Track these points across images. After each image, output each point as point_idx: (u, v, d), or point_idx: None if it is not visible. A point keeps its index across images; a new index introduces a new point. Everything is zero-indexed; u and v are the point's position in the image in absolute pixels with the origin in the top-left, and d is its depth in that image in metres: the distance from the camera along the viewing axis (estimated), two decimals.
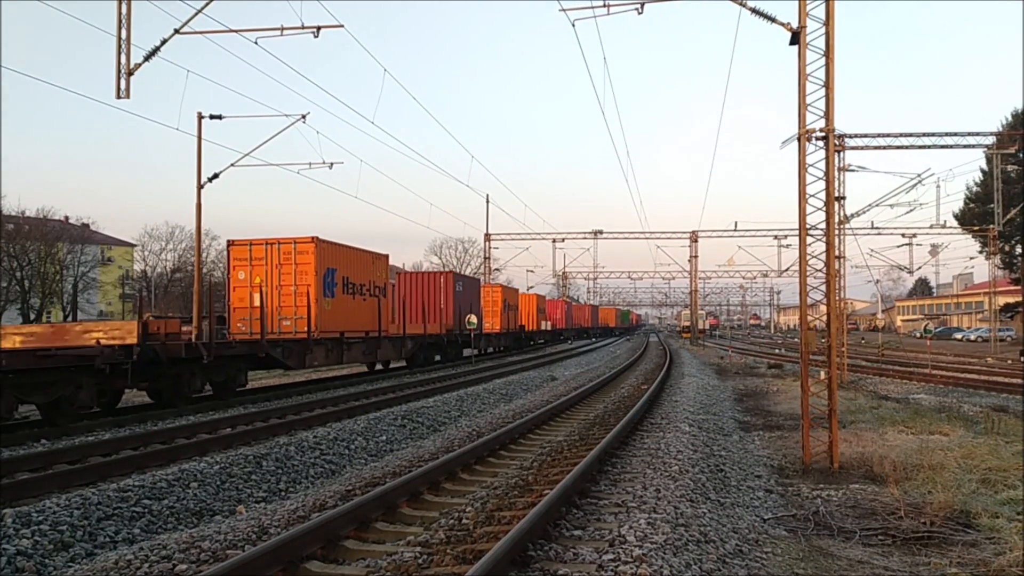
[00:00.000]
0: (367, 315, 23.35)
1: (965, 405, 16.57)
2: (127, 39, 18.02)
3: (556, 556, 5.81)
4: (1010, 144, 39.23)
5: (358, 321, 22.76)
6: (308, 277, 20.46)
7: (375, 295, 24.12)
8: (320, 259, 20.74)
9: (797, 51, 10.46)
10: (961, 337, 75.14)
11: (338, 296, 21.64)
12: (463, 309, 32.93)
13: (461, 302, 33.13)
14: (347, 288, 22.21)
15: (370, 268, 23.92)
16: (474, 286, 37.02)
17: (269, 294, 20.14)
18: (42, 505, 7.35)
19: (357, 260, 23.08)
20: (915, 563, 6.39)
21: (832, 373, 10.72)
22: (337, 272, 21.59)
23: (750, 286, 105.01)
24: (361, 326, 23.01)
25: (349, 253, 22.72)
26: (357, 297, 22.87)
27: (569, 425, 13.35)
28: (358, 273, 22.96)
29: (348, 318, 22.13)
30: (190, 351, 15.31)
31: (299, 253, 20.70)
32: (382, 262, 25.06)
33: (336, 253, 21.89)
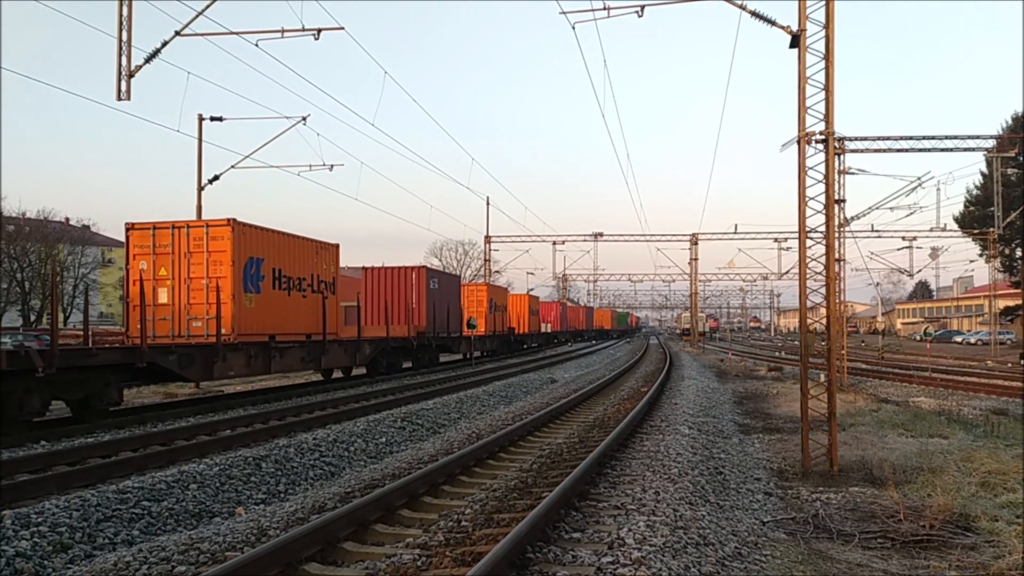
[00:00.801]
0: (308, 315, 20.03)
1: (965, 408, 16.57)
2: (128, 41, 18.06)
3: (555, 558, 5.81)
4: (1010, 147, 39.23)
5: (295, 322, 19.49)
6: (223, 268, 17.05)
7: (319, 291, 20.75)
8: (239, 246, 17.29)
9: (797, 54, 10.47)
10: (961, 340, 75.06)
11: (266, 292, 18.24)
12: (439, 309, 29.95)
13: (436, 301, 29.83)
14: (279, 282, 18.85)
15: (311, 259, 20.54)
16: (453, 283, 33.68)
17: (176, 289, 17.22)
18: (41, 506, 7.35)
19: (293, 249, 19.72)
20: (914, 566, 6.39)
21: (832, 376, 10.71)
22: (265, 263, 18.18)
23: (750, 289, 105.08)
24: (299, 328, 19.70)
25: (282, 241, 19.32)
26: (294, 293, 19.52)
27: (568, 427, 13.35)
28: (295, 265, 19.64)
29: (281, 318, 18.80)
30: (17, 361, 11.81)
31: (212, 239, 17.21)
32: (329, 253, 21.71)
33: (263, 240, 18.41)
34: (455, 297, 33.29)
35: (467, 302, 37.64)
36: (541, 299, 66.30)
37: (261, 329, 18.07)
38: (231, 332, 16.86)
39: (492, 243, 59.97)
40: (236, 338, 16.98)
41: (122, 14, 17.99)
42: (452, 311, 31.68)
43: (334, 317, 21.56)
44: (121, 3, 17.97)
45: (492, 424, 14.06)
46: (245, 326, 17.42)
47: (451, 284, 33.18)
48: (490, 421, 14.72)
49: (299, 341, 19.71)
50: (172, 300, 17.25)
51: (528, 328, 51.05)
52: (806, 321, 10.93)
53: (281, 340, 18.82)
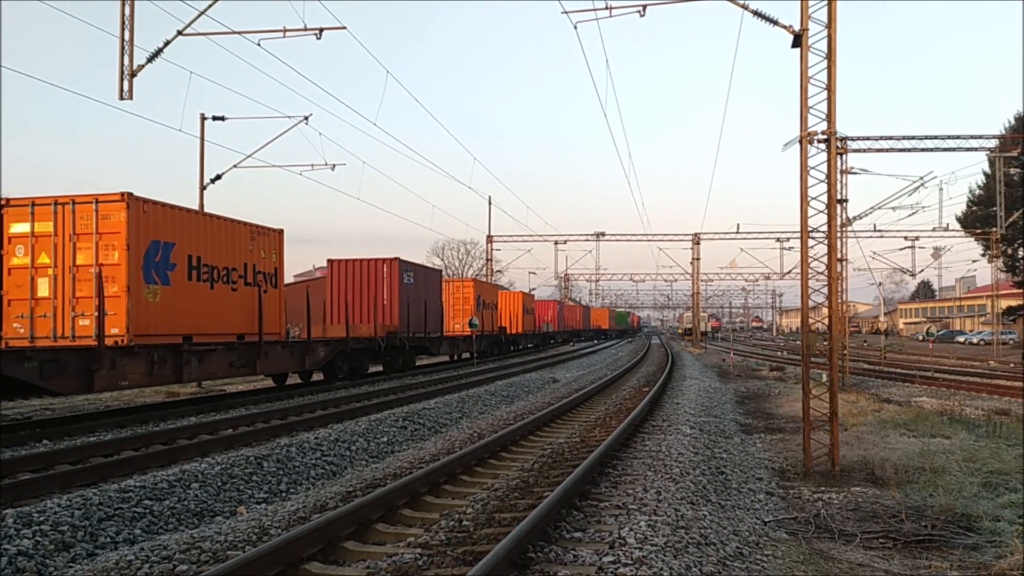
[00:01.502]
0: (239, 312, 17.10)
1: (967, 408, 16.54)
2: (130, 40, 18.07)
3: (556, 558, 5.80)
4: (1013, 147, 39.17)
5: (221, 320, 16.50)
6: (116, 253, 14.01)
7: (255, 284, 17.84)
8: (138, 228, 14.25)
9: (799, 54, 10.46)
10: (964, 340, 74.99)
11: (178, 283, 15.26)
12: (414, 306, 27.42)
13: (411, 297, 27.19)
14: (198, 272, 15.92)
15: (243, 246, 17.61)
16: (433, 278, 30.71)
17: (60, 279, 14.20)
18: (43, 505, 7.35)
19: (218, 234, 16.73)
20: (916, 566, 6.38)
21: (833, 376, 10.70)
22: (176, 248, 15.25)
23: (752, 288, 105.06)
24: (227, 327, 16.74)
25: (202, 223, 16.32)
26: (220, 286, 16.54)
27: (570, 427, 13.34)
28: (221, 252, 16.69)
29: (200, 315, 15.87)
30: None
31: (103, 218, 14.15)
32: (269, 239, 18.73)
33: (174, 221, 15.34)
34: (435, 293, 30.68)
35: (451, 299, 35.53)
36: (542, 298, 66.01)
37: (170, 328, 15.03)
38: (125, 332, 13.80)
39: (494, 243, 60.00)
40: (132, 339, 13.86)
41: (124, 13, 18.01)
42: (431, 309, 29.23)
43: (275, 314, 18.79)
44: (123, 2, 17.98)
45: (494, 423, 14.06)
46: (145, 325, 14.33)
47: (430, 279, 30.38)
48: (492, 420, 14.72)
49: (227, 343, 16.67)
50: (54, 293, 14.22)
51: (522, 328, 48.66)
52: (808, 321, 10.92)
53: (201, 342, 15.79)
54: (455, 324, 35.09)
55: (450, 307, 34.94)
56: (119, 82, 18.04)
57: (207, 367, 16.17)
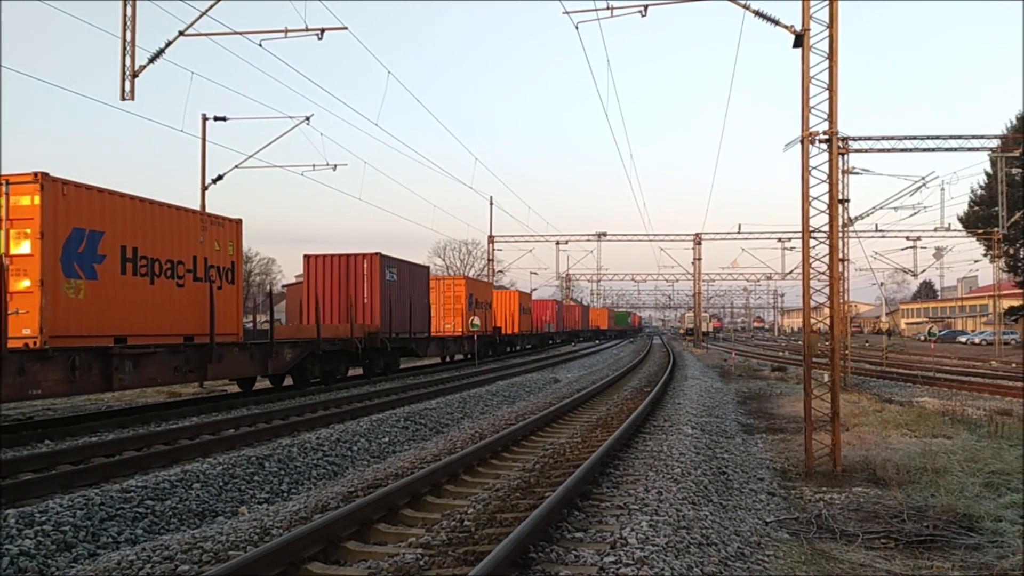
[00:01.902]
0: (186, 310, 15.34)
1: (969, 409, 16.53)
2: (132, 41, 18.10)
3: (557, 558, 5.80)
4: (1014, 147, 39.15)
5: (163, 319, 14.66)
6: (27, 243, 12.18)
7: (206, 279, 15.96)
8: (56, 213, 12.37)
9: (801, 54, 10.46)
10: (965, 340, 74.94)
11: (108, 278, 13.38)
12: (398, 304, 25.37)
13: (394, 295, 25.12)
14: (135, 265, 14.03)
15: (192, 237, 15.72)
16: (419, 275, 28.40)
17: None
18: (45, 505, 7.36)
19: (160, 223, 14.80)
20: (918, 566, 6.38)
21: (835, 376, 10.70)
22: (106, 238, 13.37)
23: (754, 288, 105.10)
24: (171, 327, 14.91)
25: (138, 209, 14.30)
26: (162, 281, 14.69)
27: (572, 427, 13.35)
28: (163, 243, 14.80)
29: (136, 314, 13.99)
30: None
31: (14, 202, 12.24)
32: (224, 230, 16.85)
33: (103, 207, 13.42)
34: (421, 291, 28.37)
35: (441, 298, 33.62)
36: (542, 298, 65.85)
37: (97, 329, 13.17)
38: (38, 334, 12.02)
39: (495, 243, 60.02)
40: (47, 342, 12.08)
41: (126, 14, 18.04)
42: (417, 307, 27.29)
43: (231, 313, 16.98)
44: (125, 3, 18.01)
45: (495, 424, 14.06)
46: (65, 325, 12.50)
47: (416, 276, 28.01)
48: (493, 421, 14.73)
49: (170, 345, 14.86)
50: None
51: (518, 328, 46.41)
52: (810, 321, 10.91)
53: (137, 344, 13.96)
54: (445, 324, 33.52)
55: (440, 306, 33.31)
56: (121, 82, 18.07)
57: (145, 372, 14.17)
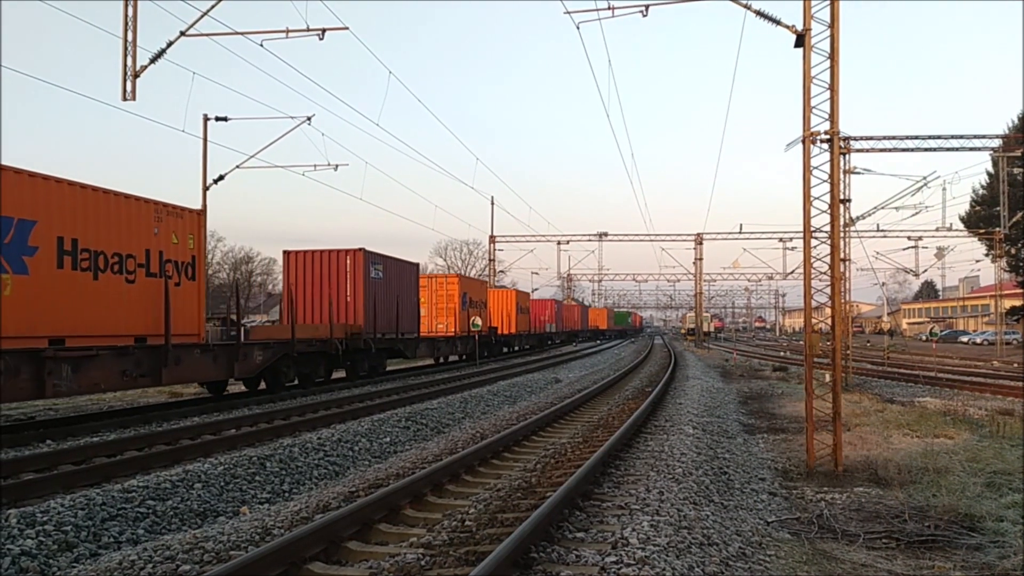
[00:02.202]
0: (138, 308, 14.11)
1: (971, 409, 16.52)
2: (133, 41, 18.12)
3: (559, 558, 5.80)
4: (1016, 147, 39.13)
5: (109, 318, 13.40)
6: None
7: (161, 275, 14.73)
8: None
9: (802, 53, 10.45)
10: (967, 340, 74.89)
11: (41, 272, 12.22)
12: (383, 303, 24.22)
13: (379, 293, 23.98)
14: (73, 259, 12.85)
15: (144, 229, 14.46)
16: (407, 273, 27.06)
17: None
18: (47, 505, 7.37)
19: (106, 212, 13.57)
20: (919, 566, 6.37)
21: (837, 376, 10.69)
22: (38, 228, 12.19)
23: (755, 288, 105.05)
24: (118, 327, 13.67)
25: (79, 197, 13.06)
26: (107, 277, 13.45)
27: (573, 427, 13.34)
28: (109, 234, 13.53)
29: (77, 313, 12.81)
30: None
31: None
32: (183, 221, 15.60)
33: (35, 194, 12.25)
34: (410, 290, 27.17)
35: (433, 297, 32.46)
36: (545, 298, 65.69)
37: (27, 329, 11.94)
38: None
39: (496, 243, 60.07)
40: None
41: (127, 14, 18.05)
42: (405, 306, 26.12)
43: (191, 311, 15.70)
44: (126, 3, 18.03)
45: (496, 424, 14.06)
46: None
47: (404, 274, 26.72)
48: (494, 421, 14.73)
49: (118, 346, 13.53)
50: None
51: (515, 328, 44.70)
52: (811, 321, 10.91)
53: (77, 345, 12.69)
54: (438, 324, 32.46)
55: (432, 305, 32.29)
56: (122, 82, 18.09)
57: (87, 377, 12.77)
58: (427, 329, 31.22)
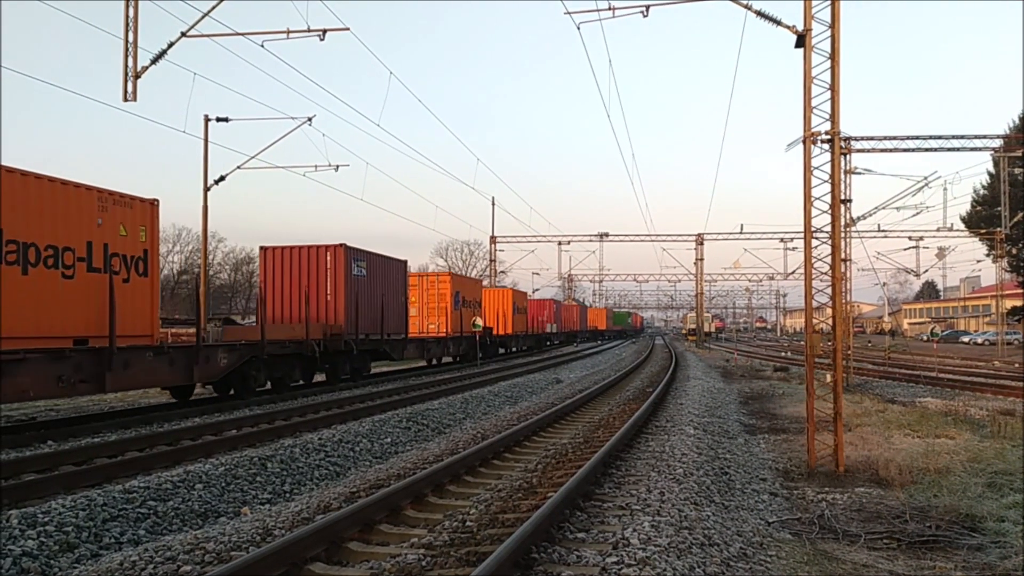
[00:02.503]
0: (78, 307, 12.89)
1: (972, 408, 16.51)
2: (134, 42, 18.14)
3: (560, 558, 5.80)
4: (1017, 147, 39.12)
5: (41, 318, 12.24)
6: None
7: (106, 270, 13.49)
8: None
9: (803, 54, 10.46)
10: (968, 340, 74.86)
11: None
12: (367, 302, 22.78)
13: (362, 292, 22.56)
14: None
15: (86, 219, 13.21)
16: (394, 271, 25.59)
17: None
18: (48, 506, 7.38)
19: (37, 199, 12.31)
20: (920, 567, 6.37)
21: (838, 376, 10.69)
22: None
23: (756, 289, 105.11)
24: (53, 328, 12.44)
25: (5, 182, 11.79)
26: (39, 271, 12.29)
27: (574, 428, 13.34)
28: (42, 225, 12.36)
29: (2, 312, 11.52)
30: None
31: None
32: (133, 212, 14.28)
33: None
34: (396, 288, 25.67)
35: (424, 296, 31.31)
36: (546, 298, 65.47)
37: None
38: None
39: (497, 243, 60.08)
40: None
41: (128, 15, 18.07)
42: (390, 306, 24.73)
43: (143, 310, 14.42)
44: (127, 4, 18.05)
45: (497, 424, 14.06)
46: None
47: (391, 271, 25.25)
48: (495, 421, 14.73)
49: (52, 349, 12.21)
50: None
51: (512, 328, 43.11)
52: (812, 321, 10.91)
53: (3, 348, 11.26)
54: (429, 324, 31.35)
55: (423, 305, 31.32)
56: (123, 84, 18.11)
57: (13, 384, 11.33)
58: (418, 329, 30.27)
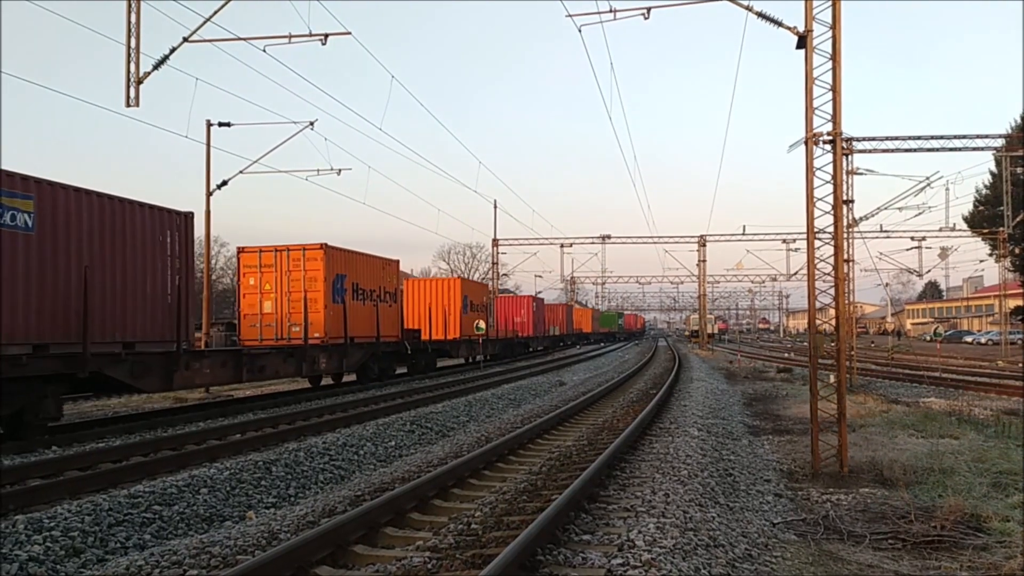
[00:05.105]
0: None
1: (976, 408, 16.48)
2: (136, 48, 18.18)
3: (565, 561, 5.81)
4: (1019, 146, 39.07)
5: None
6: None
7: None
8: None
9: (804, 55, 10.46)
10: (972, 340, 74.74)
11: None
12: None
13: None
14: None
15: None
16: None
17: None
18: (53, 511, 7.39)
19: None
20: (925, 567, 6.37)
21: (841, 377, 10.69)
22: None
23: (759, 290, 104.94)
24: None
25: None
26: None
27: (578, 430, 13.34)
28: None
29: None
30: None
31: None
32: None
33: None
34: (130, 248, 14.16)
35: (283, 281, 20.94)
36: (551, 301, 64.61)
37: None
38: None
39: (499, 246, 60.04)
40: None
41: (130, 21, 18.12)
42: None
43: None
44: (129, 10, 18.10)
45: (501, 427, 14.07)
46: None
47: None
48: (499, 424, 14.74)
49: None
50: None
51: (459, 332, 32.54)
52: (815, 322, 10.90)
53: None
54: (292, 327, 20.75)
55: (283, 294, 21.02)
56: (126, 89, 18.15)
57: None
58: (275, 336, 20.90)
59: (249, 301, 21.38)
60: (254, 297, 21.22)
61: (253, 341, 20.72)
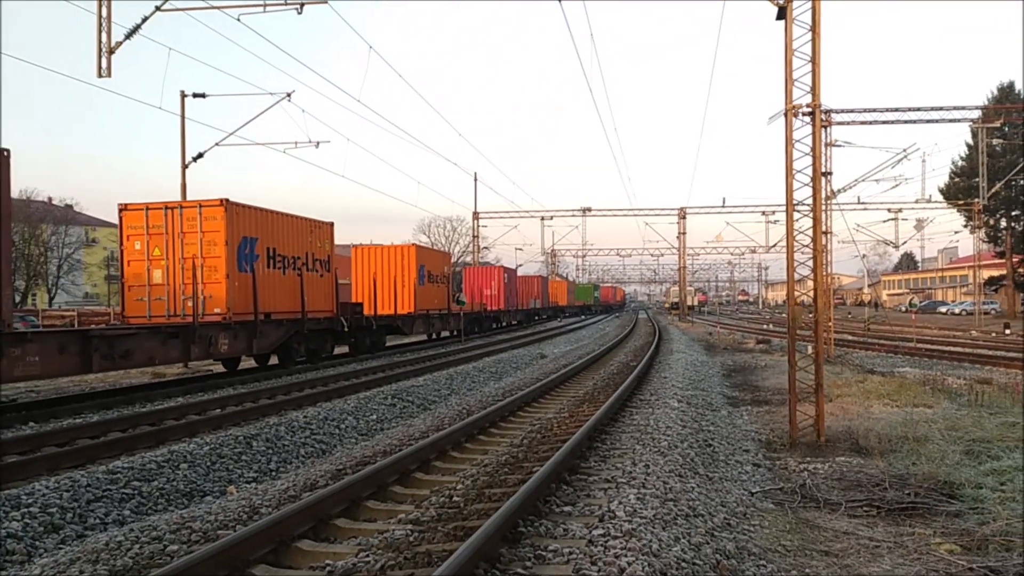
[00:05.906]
0: None
1: (949, 378, 16.75)
2: (107, 16, 17.77)
3: (547, 532, 5.85)
4: (995, 118, 39.39)
5: None
6: None
7: None
8: None
9: (784, 26, 10.42)
10: (946, 311, 75.83)
11: None
12: None
13: None
14: None
15: None
16: None
17: None
18: (31, 488, 7.33)
19: None
20: (899, 533, 6.49)
21: (819, 348, 10.80)
22: None
23: (738, 262, 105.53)
24: None
25: None
26: None
27: (558, 402, 13.41)
28: None
29: None
30: None
31: None
32: None
33: None
34: None
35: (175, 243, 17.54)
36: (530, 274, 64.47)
37: None
38: None
39: (480, 219, 59.84)
40: None
41: None
42: None
43: None
44: None
45: (482, 400, 14.10)
46: None
47: None
48: (480, 397, 14.77)
49: None
50: None
51: (413, 305, 29.17)
52: (794, 293, 10.98)
53: None
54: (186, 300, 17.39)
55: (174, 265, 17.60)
56: (97, 59, 17.77)
57: None
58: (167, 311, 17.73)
59: (134, 270, 17.75)
60: (140, 265, 17.63)
61: (140, 319, 17.34)
